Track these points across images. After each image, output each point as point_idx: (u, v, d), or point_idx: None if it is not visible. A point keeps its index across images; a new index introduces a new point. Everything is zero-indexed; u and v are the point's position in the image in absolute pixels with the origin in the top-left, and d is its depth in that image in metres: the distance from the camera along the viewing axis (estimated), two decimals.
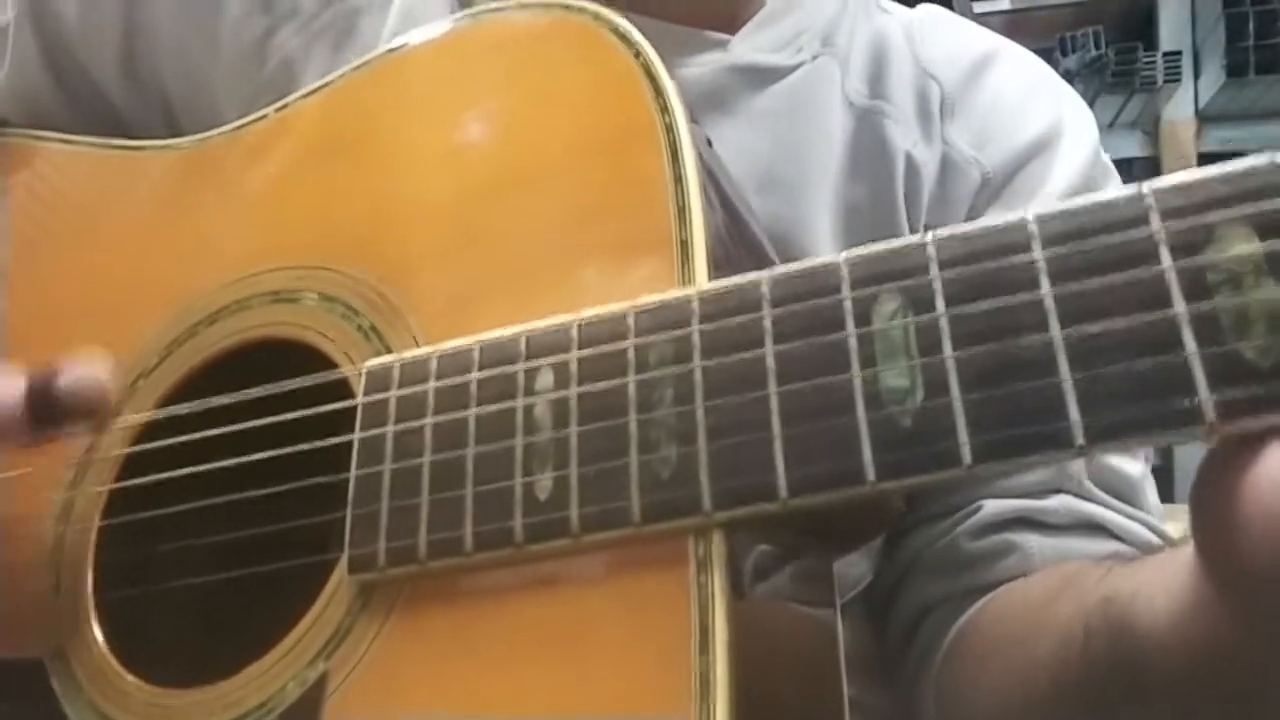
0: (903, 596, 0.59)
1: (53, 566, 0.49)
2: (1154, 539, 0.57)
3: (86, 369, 0.46)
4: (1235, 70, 2.28)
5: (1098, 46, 2.30)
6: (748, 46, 0.60)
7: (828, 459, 0.33)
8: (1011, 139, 0.61)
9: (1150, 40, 2.39)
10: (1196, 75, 2.42)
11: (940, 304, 0.33)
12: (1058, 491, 0.57)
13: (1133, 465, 0.59)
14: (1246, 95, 2.33)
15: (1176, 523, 0.59)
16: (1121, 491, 0.58)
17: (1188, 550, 0.35)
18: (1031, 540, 0.55)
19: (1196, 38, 2.43)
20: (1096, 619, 0.43)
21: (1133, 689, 0.41)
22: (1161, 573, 0.39)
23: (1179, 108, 2.41)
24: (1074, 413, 0.31)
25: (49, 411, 0.45)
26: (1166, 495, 0.63)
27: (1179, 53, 2.39)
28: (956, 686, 0.55)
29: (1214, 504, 0.31)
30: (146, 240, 0.56)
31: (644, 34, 0.45)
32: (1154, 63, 2.33)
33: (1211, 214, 0.30)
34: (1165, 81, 2.34)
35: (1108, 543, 0.56)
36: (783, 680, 0.39)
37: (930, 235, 0.34)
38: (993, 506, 0.56)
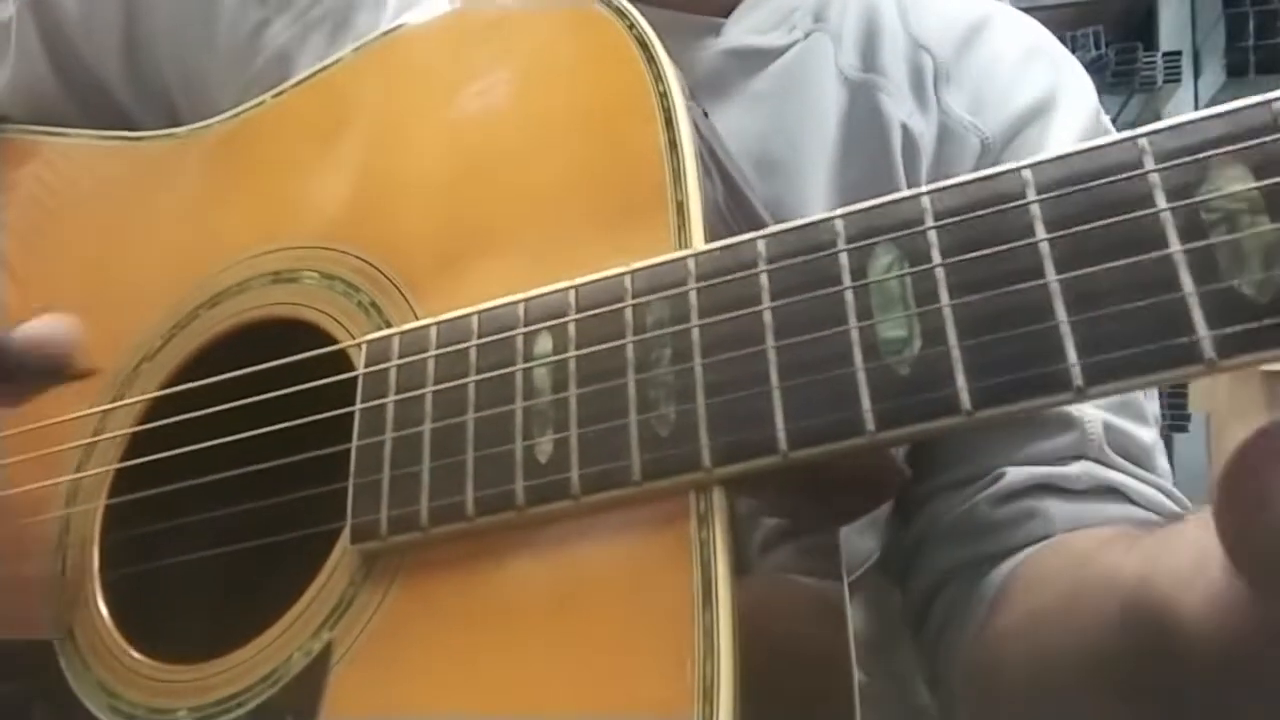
0: (920, 564, 0.59)
1: (60, 547, 0.49)
2: (1168, 503, 0.57)
3: (44, 324, 0.46)
4: (1235, 70, 2.29)
5: (1098, 46, 2.31)
6: (740, 29, 0.60)
7: (827, 410, 0.34)
8: (1008, 103, 0.61)
9: (1150, 40, 2.40)
10: (1196, 75, 2.43)
11: (936, 254, 0.33)
12: (1079, 458, 0.56)
13: (1146, 431, 0.59)
14: (1246, 95, 2.33)
15: None
16: (1136, 457, 0.58)
17: (1213, 540, 0.34)
18: (1053, 506, 0.55)
19: (1196, 38, 2.44)
20: (1136, 599, 0.42)
21: (1176, 674, 0.40)
22: (1196, 555, 0.38)
23: (1179, 108, 2.42)
24: (1072, 355, 0.31)
25: (6, 367, 0.45)
26: None
27: (1179, 53, 2.40)
28: (997, 656, 0.54)
29: (1243, 496, 0.30)
30: (148, 228, 0.56)
31: None
32: (1154, 63, 2.34)
33: (1205, 154, 0.30)
34: (1165, 81, 2.35)
35: (1125, 507, 0.55)
36: (789, 638, 0.39)
37: (925, 188, 0.34)
38: (1015, 474, 0.56)
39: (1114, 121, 2.00)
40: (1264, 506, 0.30)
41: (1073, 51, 2.02)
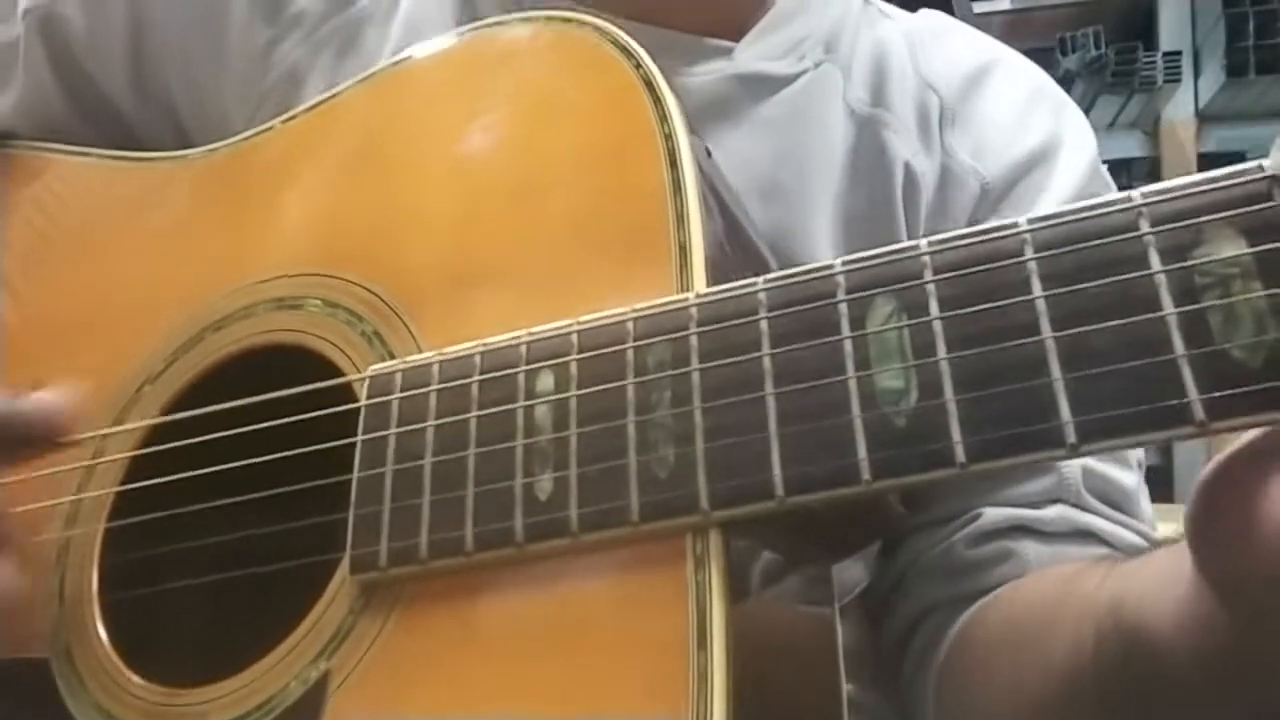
0: (899, 601, 0.59)
1: (59, 568, 0.50)
2: (1146, 546, 0.57)
3: (49, 394, 0.49)
4: (1235, 70, 2.28)
5: (1098, 46, 2.31)
6: (751, 54, 0.61)
7: (823, 458, 0.34)
8: (1011, 149, 0.61)
9: (1150, 40, 2.39)
10: (1196, 75, 2.42)
11: (934, 307, 0.34)
12: (1056, 501, 0.57)
13: (1127, 475, 0.59)
14: (1246, 95, 2.33)
15: (1176, 523, 0.60)
16: (1116, 501, 0.58)
17: (1186, 558, 0.35)
18: (1028, 547, 0.56)
19: (1196, 38, 2.43)
20: (1108, 620, 0.43)
21: (1147, 691, 0.42)
22: (1164, 578, 0.40)
23: (1179, 108, 2.41)
24: (1066, 412, 0.31)
25: (8, 432, 0.48)
26: (1166, 495, 0.63)
27: (1179, 53, 2.39)
28: (959, 686, 0.55)
29: (1220, 519, 0.32)
30: (154, 249, 0.57)
31: (649, 43, 0.45)
32: (1154, 63, 2.33)
33: (1200, 219, 0.31)
34: (1165, 81, 2.34)
35: (1100, 550, 0.56)
36: (781, 677, 0.40)
37: (925, 242, 0.35)
38: (992, 514, 0.57)
39: (1114, 121, 1.99)
40: (1246, 528, 0.30)
41: (1072, 51, 2.00)
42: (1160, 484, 0.62)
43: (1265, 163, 0.30)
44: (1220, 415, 0.30)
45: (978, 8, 2.24)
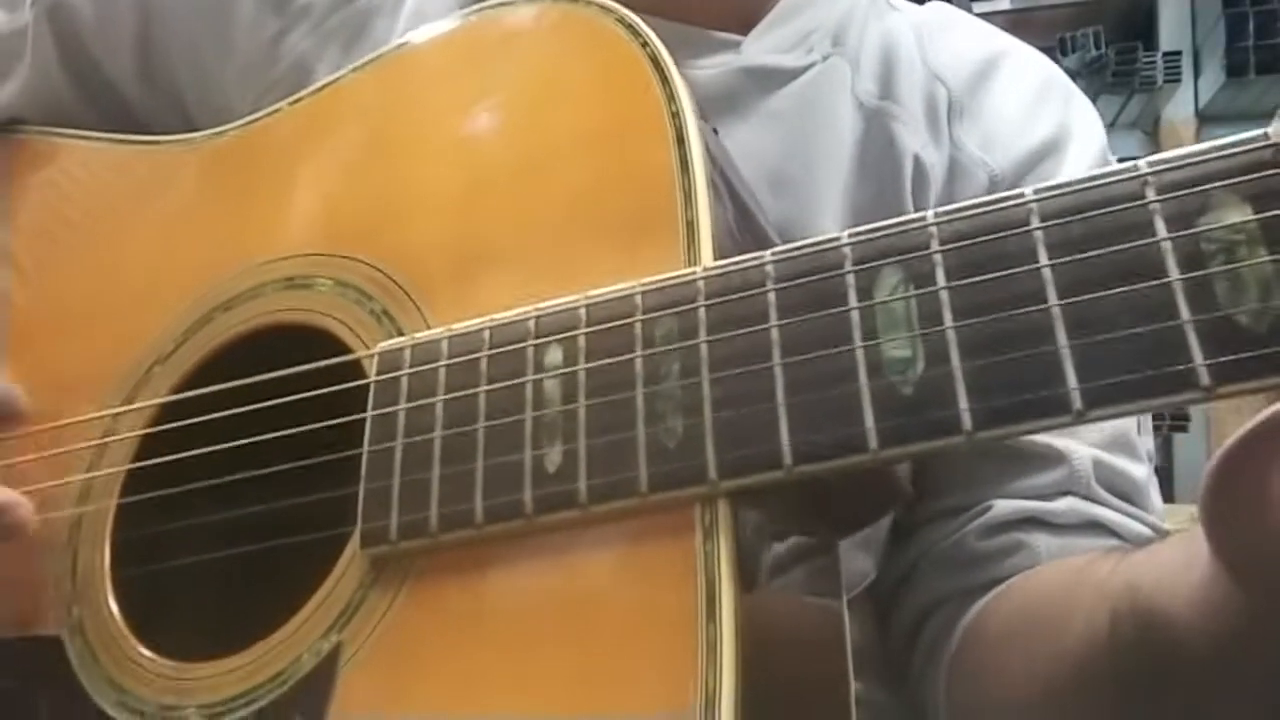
0: (909, 593, 0.59)
1: (71, 545, 0.50)
2: (1155, 538, 0.57)
3: None
4: (1235, 70, 2.29)
5: (1098, 46, 2.31)
6: (759, 48, 0.61)
7: (831, 427, 0.34)
8: (1020, 141, 0.61)
9: (1150, 40, 2.40)
10: (1196, 75, 2.42)
11: (941, 277, 0.34)
12: (1067, 493, 0.57)
13: (1137, 467, 0.60)
14: (1246, 95, 2.33)
15: (1175, 522, 0.60)
16: (1127, 493, 0.58)
17: (1201, 543, 0.36)
18: (1039, 539, 0.56)
19: (1196, 38, 2.44)
20: (1123, 606, 0.44)
21: (1162, 675, 0.42)
22: (1179, 563, 0.40)
23: (1179, 108, 2.42)
24: (1072, 379, 0.31)
25: None
26: (1166, 495, 0.63)
27: (1179, 53, 2.39)
28: (971, 675, 0.55)
29: (1234, 500, 0.32)
30: (162, 231, 0.57)
31: (656, 35, 0.45)
32: (1154, 63, 2.34)
33: (1205, 186, 0.31)
34: (1165, 81, 2.34)
35: (1110, 542, 0.56)
36: (789, 665, 0.40)
37: (931, 213, 0.35)
38: (1003, 506, 0.57)
39: (1114, 121, 1.99)
40: (1261, 507, 0.31)
41: (1072, 51, 2.00)
42: (1161, 484, 0.62)
43: (1270, 130, 0.30)
44: (1226, 380, 0.30)
45: (977, 8, 2.24)
